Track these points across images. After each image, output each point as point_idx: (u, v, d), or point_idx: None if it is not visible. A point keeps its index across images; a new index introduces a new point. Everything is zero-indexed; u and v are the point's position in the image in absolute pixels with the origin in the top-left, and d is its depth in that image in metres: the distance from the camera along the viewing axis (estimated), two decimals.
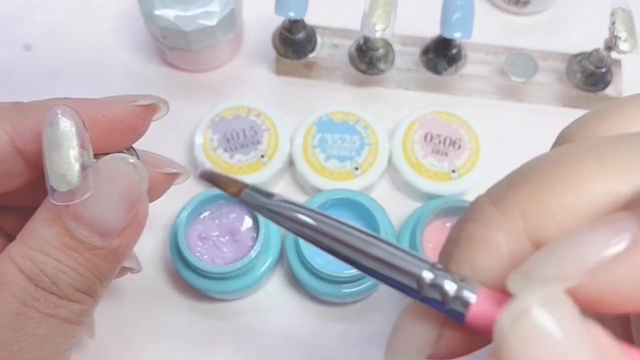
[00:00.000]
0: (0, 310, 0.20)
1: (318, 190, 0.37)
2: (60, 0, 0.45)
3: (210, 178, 0.19)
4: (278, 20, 0.40)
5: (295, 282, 0.36)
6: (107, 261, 0.22)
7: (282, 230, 0.35)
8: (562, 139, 0.18)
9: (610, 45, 0.37)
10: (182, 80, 0.42)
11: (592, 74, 0.40)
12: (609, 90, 0.40)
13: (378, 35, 0.36)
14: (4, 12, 0.45)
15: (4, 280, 0.20)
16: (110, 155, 0.22)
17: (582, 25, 0.45)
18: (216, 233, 0.34)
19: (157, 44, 0.41)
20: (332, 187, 0.36)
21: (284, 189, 0.39)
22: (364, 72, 0.40)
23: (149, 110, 0.24)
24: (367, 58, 0.40)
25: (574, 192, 0.15)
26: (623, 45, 0.36)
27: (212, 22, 0.38)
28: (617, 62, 0.41)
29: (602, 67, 0.39)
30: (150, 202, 0.24)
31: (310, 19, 0.40)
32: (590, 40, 0.40)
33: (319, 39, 0.41)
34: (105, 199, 0.21)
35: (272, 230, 0.34)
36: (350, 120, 0.39)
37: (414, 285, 0.16)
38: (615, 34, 0.36)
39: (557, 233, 0.15)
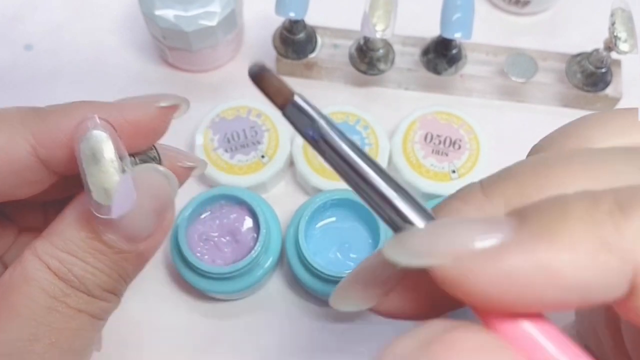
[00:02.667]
0: (31, 304, 0.21)
1: (318, 191, 0.37)
2: (60, 0, 0.45)
3: (260, 80, 0.18)
4: (278, 21, 0.40)
5: (295, 282, 0.36)
6: (133, 264, 0.22)
7: (283, 229, 0.35)
8: (533, 153, 0.19)
9: (610, 46, 0.37)
10: (183, 80, 0.42)
11: (592, 74, 0.40)
12: (609, 91, 0.40)
13: (378, 35, 0.36)
14: (4, 12, 0.45)
15: (33, 276, 0.21)
16: (144, 165, 0.22)
17: (582, 25, 0.45)
18: (217, 233, 0.34)
19: (157, 44, 0.41)
20: (332, 187, 0.36)
21: (284, 189, 0.39)
22: (364, 72, 0.40)
23: (171, 110, 0.23)
24: (368, 58, 0.40)
25: (556, 189, 0.15)
26: (623, 46, 0.36)
27: (213, 22, 0.38)
28: (617, 63, 0.41)
29: (602, 68, 0.39)
30: None
31: (311, 19, 0.40)
32: (590, 40, 0.40)
33: (319, 39, 0.41)
34: (139, 208, 0.21)
35: (272, 231, 0.34)
36: (351, 121, 0.39)
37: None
38: (615, 34, 0.36)
39: None
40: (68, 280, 0.21)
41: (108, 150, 0.20)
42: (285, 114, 0.18)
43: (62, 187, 0.24)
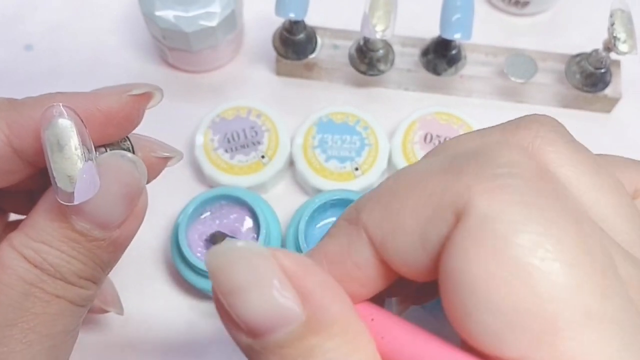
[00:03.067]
0: (8, 290, 0.21)
1: (318, 191, 0.37)
2: (60, 0, 0.46)
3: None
4: (278, 21, 0.40)
5: None
6: (108, 251, 0.23)
7: (283, 230, 0.35)
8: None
9: (610, 46, 0.37)
10: (183, 80, 0.42)
11: (591, 75, 0.40)
12: (608, 91, 0.40)
13: (378, 36, 0.36)
14: (4, 12, 0.45)
15: (8, 264, 0.21)
16: (110, 152, 0.22)
17: (582, 26, 0.45)
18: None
19: (157, 44, 0.41)
20: (332, 187, 0.36)
21: (284, 190, 0.39)
22: (364, 72, 0.40)
23: (144, 99, 0.24)
24: (367, 59, 0.40)
25: (409, 211, 0.16)
26: (622, 46, 0.36)
27: (213, 23, 0.38)
28: (616, 63, 0.41)
29: (601, 68, 0.39)
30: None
31: (311, 19, 0.40)
32: (589, 41, 0.40)
33: (319, 40, 0.41)
34: (106, 195, 0.21)
35: (272, 231, 0.34)
36: (351, 121, 0.39)
37: None
38: (614, 35, 0.36)
39: (394, 244, 0.16)
40: (43, 269, 0.21)
41: (72, 137, 0.20)
42: None
43: (46, 178, 0.24)
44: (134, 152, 0.24)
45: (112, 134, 0.23)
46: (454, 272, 0.14)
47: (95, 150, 0.21)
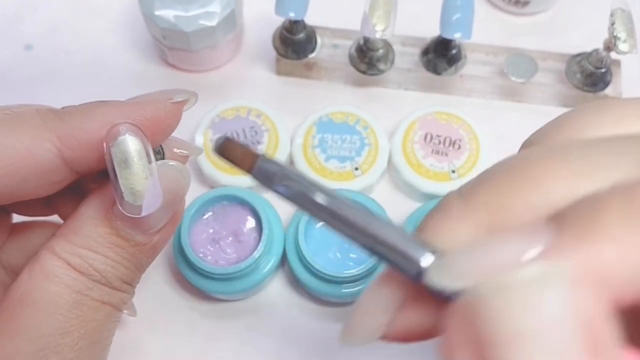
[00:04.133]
0: (57, 300, 0.21)
1: None
2: (60, 0, 0.45)
3: (225, 151, 0.19)
4: (278, 21, 0.40)
5: (296, 282, 0.36)
6: (147, 255, 0.24)
7: (285, 230, 0.35)
8: (524, 148, 0.19)
9: (610, 46, 0.37)
10: (183, 80, 0.42)
11: (591, 75, 0.40)
12: (609, 91, 0.40)
13: (378, 35, 0.36)
14: (4, 12, 0.45)
15: (54, 272, 0.21)
16: (160, 162, 0.23)
17: (582, 25, 0.45)
18: (219, 234, 0.34)
19: (157, 44, 0.41)
20: (332, 187, 0.36)
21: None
22: (364, 72, 0.40)
23: (183, 105, 0.24)
24: (367, 58, 0.40)
25: (536, 190, 0.15)
26: (622, 46, 0.36)
27: (213, 22, 0.38)
28: (617, 63, 0.41)
29: (602, 68, 0.39)
30: None
31: (311, 19, 0.40)
32: (589, 40, 0.40)
33: (319, 40, 0.41)
34: None
35: (275, 231, 0.34)
36: (351, 121, 0.39)
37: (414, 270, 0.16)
38: (614, 34, 0.36)
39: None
40: (90, 275, 0.22)
41: (140, 155, 0.21)
42: (254, 176, 0.18)
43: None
44: (164, 155, 0.25)
45: (157, 140, 0.24)
46: None
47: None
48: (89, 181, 0.24)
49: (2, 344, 0.21)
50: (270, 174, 0.18)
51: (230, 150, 0.19)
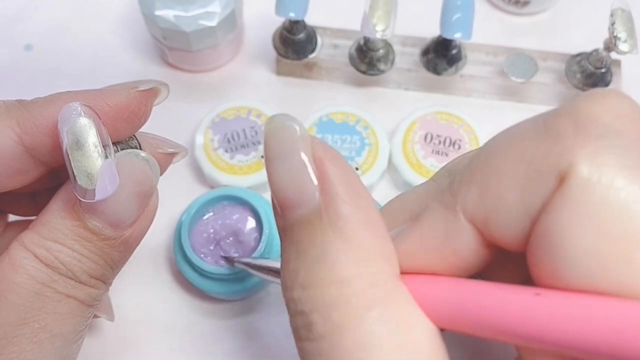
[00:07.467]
0: (19, 290, 0.21)
1: None
2: (60, 0, 0.45)
3: None
4: (278, 21, 0.40)
5: None
6: (119, 250, 0.23)
7: None
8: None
9: (610, 46, 0.37)
10: (183, 80, 0.42)
11: (591, 75, 0.40)
12: None
13: (378, 35, 0.36)
14: (4, 12, 0.45)
15: (20, 263, 0.21)
16: (124, 151, 0.23)
17: (582, 25, 0.45)
18: (220, 234, 0.34)
19: (157, 44, 0.41)
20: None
21: None
22: (364, 72, 0.40)
23: (151, 94, 0.24)
24: (368, 58, 0.40)
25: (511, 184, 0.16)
26: (623, 46, 0.36)
27: (213, 22, 0.38)
28: (617, 63, 0.41)
29: (602, 68, 0.39)
30: None
31: (311, 19, 0.40)
32: (589, 40, 0.40)
33: (319, 40, 0.41)
34: (120, 193, 0.21)
35: (275, 231, 0.34)
36: (351, 121, 0.39)
37: None
38: (615, 34, 0.36)
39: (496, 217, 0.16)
40: (55, 267, 0.21)
41: (91, 135, 0.20)
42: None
43: (50, 179, 0.24)
44: (140, 148, 0.24)
45: (121, 129, 0.23)
46: (551, 236, 0.14)
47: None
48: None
49: None
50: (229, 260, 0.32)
51: None
